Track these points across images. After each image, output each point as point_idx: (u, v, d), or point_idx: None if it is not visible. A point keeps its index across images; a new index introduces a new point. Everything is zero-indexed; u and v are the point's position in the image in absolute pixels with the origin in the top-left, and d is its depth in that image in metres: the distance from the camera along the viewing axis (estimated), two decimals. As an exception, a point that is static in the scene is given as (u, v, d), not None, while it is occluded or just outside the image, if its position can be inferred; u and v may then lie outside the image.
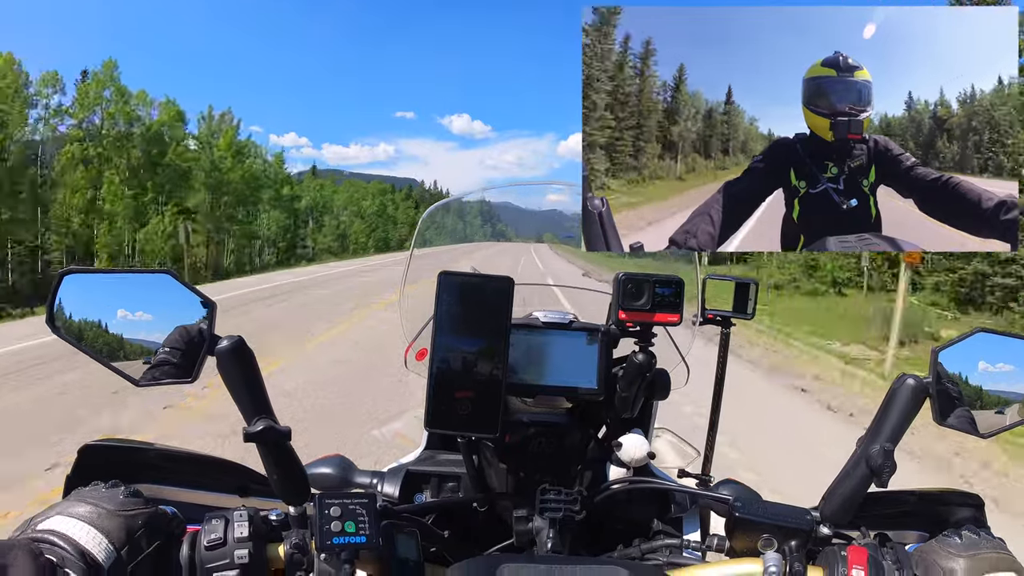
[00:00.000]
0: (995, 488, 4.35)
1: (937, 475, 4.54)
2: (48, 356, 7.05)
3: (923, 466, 4.67)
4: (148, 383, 0.68)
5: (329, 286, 17.82)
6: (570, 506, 0.78)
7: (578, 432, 0.88)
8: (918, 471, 4.49)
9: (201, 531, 0.67)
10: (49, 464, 4.04)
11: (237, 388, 0.68)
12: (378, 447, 3.88)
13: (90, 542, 0.61)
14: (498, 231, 1.40)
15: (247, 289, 16.59)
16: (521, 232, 1.58)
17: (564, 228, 1.26)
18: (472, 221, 1.33)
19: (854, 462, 0.73)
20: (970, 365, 0.73)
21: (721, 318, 1.07)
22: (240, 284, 19.27)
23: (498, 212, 1.37)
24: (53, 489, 3.79)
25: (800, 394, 6.94)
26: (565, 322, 0.86)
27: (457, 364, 0.70)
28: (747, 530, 0.75)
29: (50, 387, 6.08)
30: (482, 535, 0.85)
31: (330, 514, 0.67)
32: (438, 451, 1.02)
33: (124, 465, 0.75)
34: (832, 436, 5.16)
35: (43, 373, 6.60)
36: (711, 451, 1.17)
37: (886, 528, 0.81)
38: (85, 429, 4.66)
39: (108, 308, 0.68)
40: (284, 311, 12.27)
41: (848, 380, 7.61)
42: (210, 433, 4.57)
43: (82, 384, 5.96)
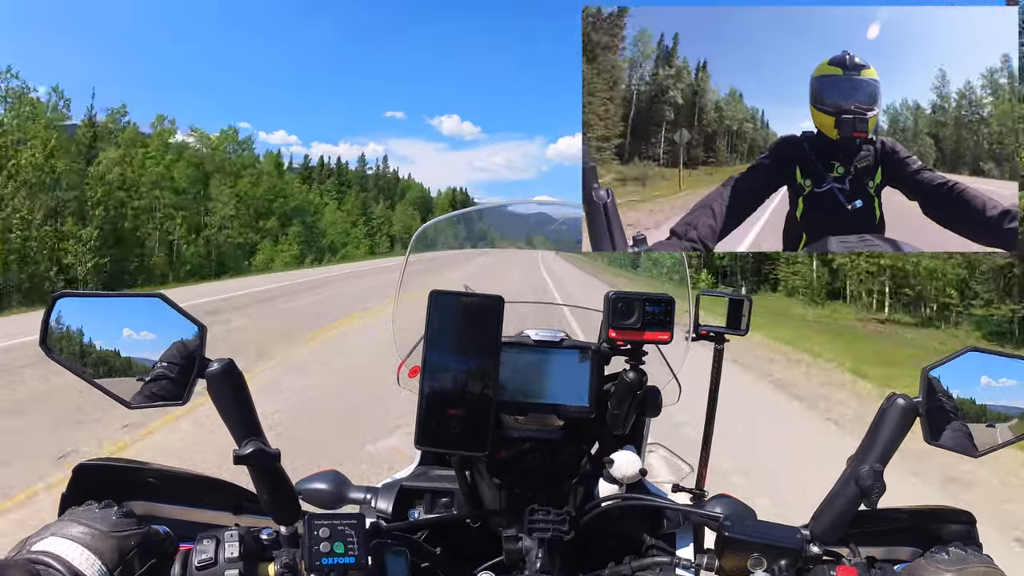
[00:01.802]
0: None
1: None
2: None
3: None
4: (140, 405, 0.69)
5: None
6: (559, 526, 0.78)
7: (571, 449, 0.88)
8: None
9: (193, 551, 0.68)
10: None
11: (227, 410, 0.69)
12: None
13: (84, 564, 0.62)
14: (487, 237, 1.40)
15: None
16: (508, 235, 1.55)
17: (552, 231, 1.25)
18: (460, 234, 1.33)
19: (844, 481, 0.72)
20: (960, 384, 0.72)
21: (714, 334, 1.07)
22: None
23: (487, 220, 1.38)
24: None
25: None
26: (556, 340, 0.86)
27: (448, 382, 0.71)
28: (736, 549, 0.75)
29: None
30: (475, 552, 0.86)
31: (319, 535, 0.68)
32: (432, 467, 1.02)
33: (118, 484, 0.76)
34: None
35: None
36: (705, 466, 1.17)
37: (877, 545, 0.80)
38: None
39: (100, 331, 0.69)
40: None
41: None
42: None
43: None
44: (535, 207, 1.25)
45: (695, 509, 0.87)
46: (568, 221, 1.21)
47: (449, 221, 1.34)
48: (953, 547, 0.71)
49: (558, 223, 1.22)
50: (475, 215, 1.28)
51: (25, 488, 3.59)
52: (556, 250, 1.73)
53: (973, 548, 0.72)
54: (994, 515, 3.69)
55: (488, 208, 1.32)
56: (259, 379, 6.24)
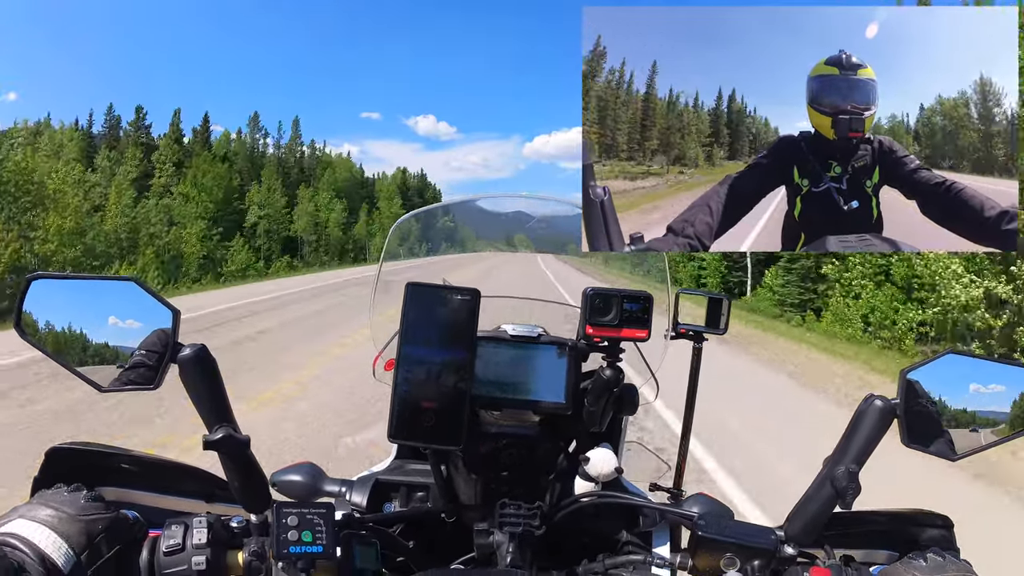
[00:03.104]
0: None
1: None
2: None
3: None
4: (112, 389, 0.69)
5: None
6: (529, 521, 0.78)
7: (547, 445, 0.87)
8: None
9: (161, 536, 0.68)
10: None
11: (199, 396, 0.69)
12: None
13: (50, 547, 0.62)
14: (467, 237, 1.38)
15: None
16: (486, 235, 1.52)
17: (528, 229, 1.23)
18: (442, 229, 1.31)
19: (819, 483, 0.72)
20: (939, 387, 0.71)
21: (693, 333, 1.06)
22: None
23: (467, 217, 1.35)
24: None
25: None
26: (533, 335, 0.85)
27: (422, 375, 0.71)
28: (710, 548, 0.74)
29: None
30: (448, 546, 0.85)
31: (288, 523, 0.68)
32: (408, 460, 1.02)
33: (90, 468, 0.76)
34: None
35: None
36: (683, 465, 1.16)
37: (854, 548, 0.80)
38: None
39: (74, 314, 0.69)
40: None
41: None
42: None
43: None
44: (522, 203, 1.24)
45: (669, 508, 0.86)
46: (549, 220, 1.20)
47: (422, 217, 1.31)
48: (931, 552, 0.70)
49: (537, 221, 1.21)
50: (446, 211, 1.25)
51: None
52: (543, 252, 1.69)
53: (951, 554, 0.71)
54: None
55: (466, 202, 1.29)
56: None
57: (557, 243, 1.33)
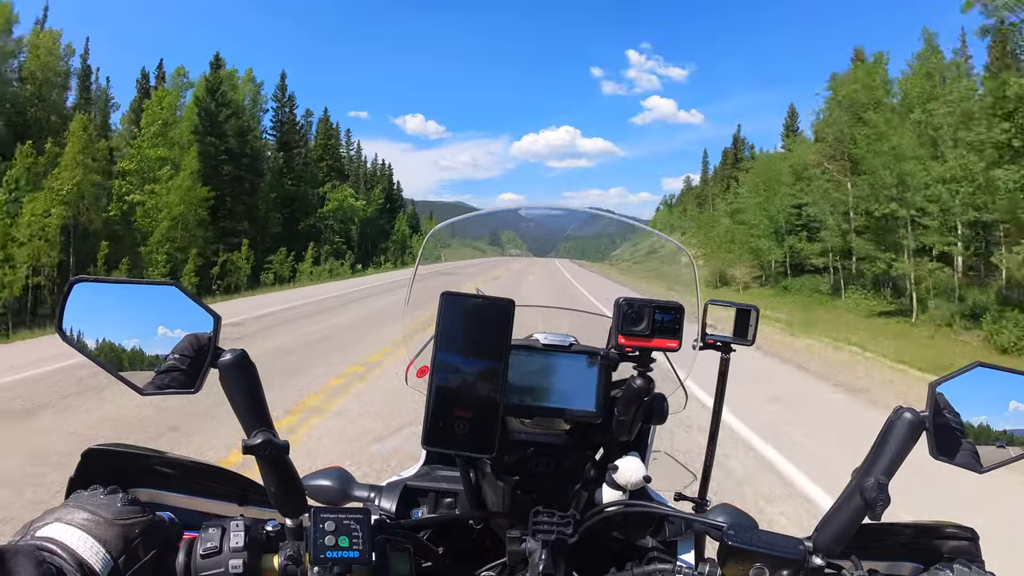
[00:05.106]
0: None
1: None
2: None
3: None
4: (152, 392, 0.69)
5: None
6: (563, 528, 0.78)
7: (576, 454, 0.88)
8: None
9: (198, 539, 0.68)
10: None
11: (238, 401, 0.69)
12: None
13: (87, 552, 0.62)
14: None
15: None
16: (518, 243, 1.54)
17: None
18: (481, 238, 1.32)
19: (848, 494, 0.72)
20: (968, 399, 0.72)
21: (721, 343, 1.07)
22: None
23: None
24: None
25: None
26: (565, 345, 0.86)
27: (456, 383, 0.71)
28: (739, 558, 0.75)
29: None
30: (477, 553, 0.86)
31: (325, 528, 0.68)
32: (437, 467, 1.02)
33: (126, 470, 0.76)
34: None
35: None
36: (708, 475, 1.17)
37: (880, 559, 0.80)
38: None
39: (115, 317, 0.70)
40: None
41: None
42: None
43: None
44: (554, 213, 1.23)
45: (698, 517, 0.87)
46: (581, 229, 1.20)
47: (457, 226, 1.31)
48: (957, 564, 0.71)
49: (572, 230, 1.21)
50: (482, 220, 1.25)
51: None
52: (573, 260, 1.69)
53: (976, 566, 0.72)
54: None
55: (497, 212, 1.28)
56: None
57: (588, 252, 1.34)
